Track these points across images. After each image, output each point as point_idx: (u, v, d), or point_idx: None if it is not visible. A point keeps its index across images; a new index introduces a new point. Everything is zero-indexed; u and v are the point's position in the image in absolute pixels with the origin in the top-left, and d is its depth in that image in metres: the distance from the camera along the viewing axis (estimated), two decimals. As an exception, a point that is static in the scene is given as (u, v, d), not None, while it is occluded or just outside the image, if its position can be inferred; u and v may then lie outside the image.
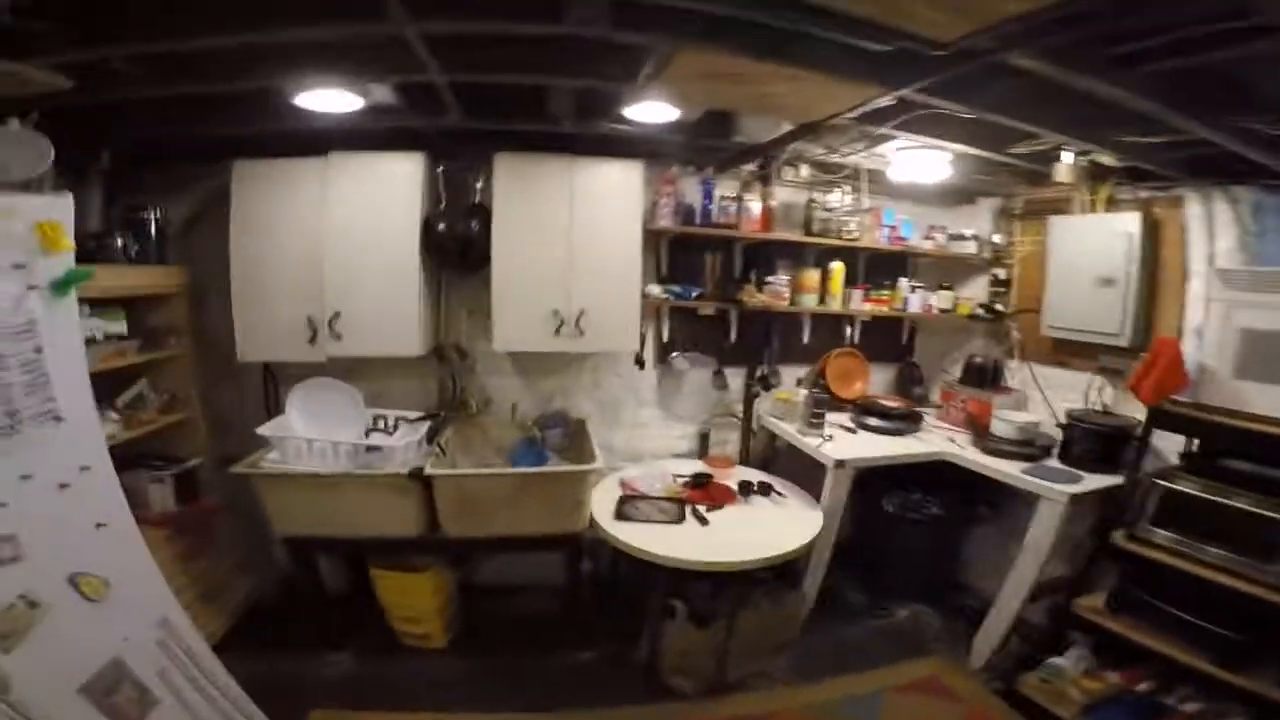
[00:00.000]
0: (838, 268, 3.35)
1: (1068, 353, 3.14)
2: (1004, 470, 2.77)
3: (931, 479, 3.10)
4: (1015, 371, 3.36)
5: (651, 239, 3.06)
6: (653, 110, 2.39)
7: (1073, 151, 2.63)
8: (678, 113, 2.42)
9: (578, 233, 2.84)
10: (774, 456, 3.47)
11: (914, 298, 3.45)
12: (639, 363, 3.27)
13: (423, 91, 2.26)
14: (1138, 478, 2.41)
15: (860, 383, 3.59)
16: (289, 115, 2.37)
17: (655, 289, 3.12)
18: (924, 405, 3.51)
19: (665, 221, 3.08)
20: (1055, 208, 3.16)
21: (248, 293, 2.75)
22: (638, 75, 2.02)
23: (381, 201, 2.74)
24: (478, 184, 2.92)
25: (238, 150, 2.67)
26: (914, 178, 3.04)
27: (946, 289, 3.49)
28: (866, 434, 3.23)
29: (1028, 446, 2.88)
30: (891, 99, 2.01)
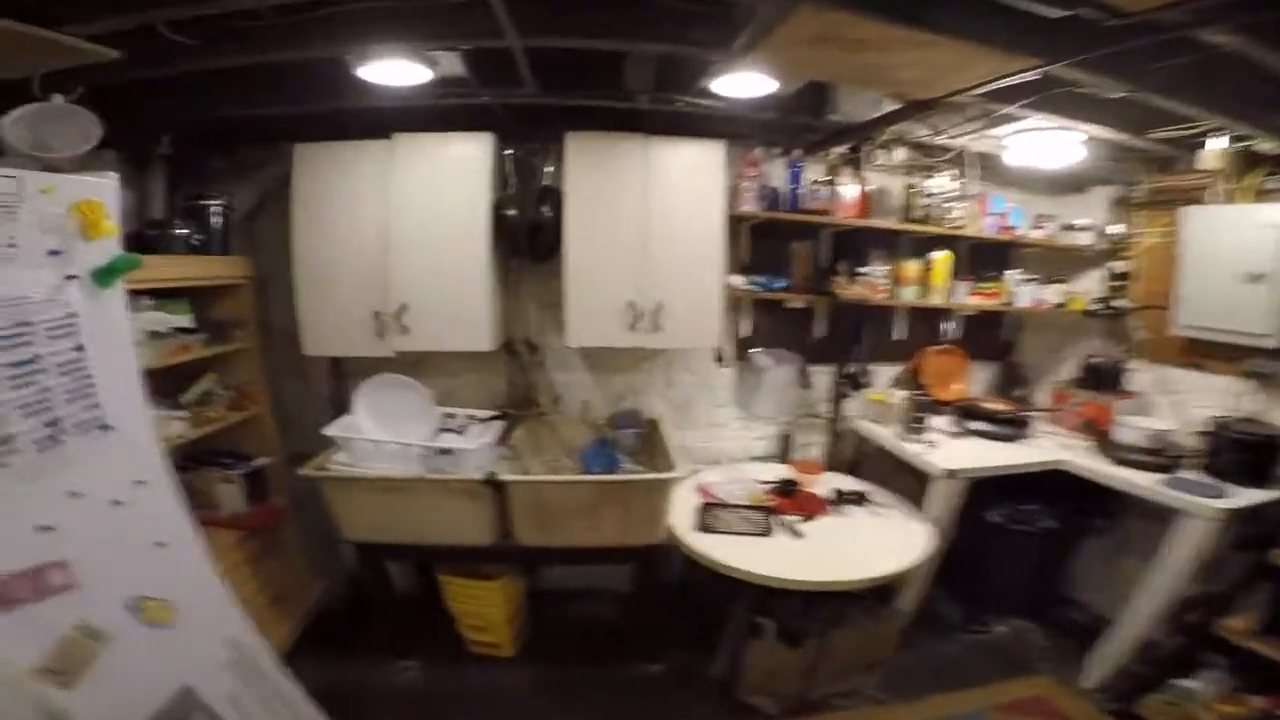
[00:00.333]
0: (943, 258, 2.98)
1: (1201, 354, 2.72)
2: (1135, 482, 2.41)
3: (1038, 487, 2.74)
4: (1138, 373, 2.93)
5: (732, 226, 2.73)
6: (743, 83, 2.09)
7: (1227, 136, 2.27)
8: (773, 86, 2.11)
9: (654, 219, 2.56)
10: (861, 461, 3.13)
11: (1024, 291, 3.04)
12: (719, 359, 2.96)
13: (494, 62, 2.04)
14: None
15: (959, 383, 3.21)
16: (350, 92, 2.16)
17: (738, 280, 2.80)
18: (1029, 408, 3.10)
19: (749, 207, 2.75)
20: (1187, 197, 2.72)
21: (312, 284, 2.56)
22: (734, 40, 1.74)
23: (448, 186, 2.50)
24: (547, 167, 2.66)
25: (299, 133, 2.47)
26: (1033, 163, 2.66)
27: (1059, 282, 3.06)
28: (971, 439, 2.87)
29: (1158, 456, 2.50)
30: (1037, 73, 1.70)
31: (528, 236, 2.63)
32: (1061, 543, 2.88)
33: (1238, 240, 2.51)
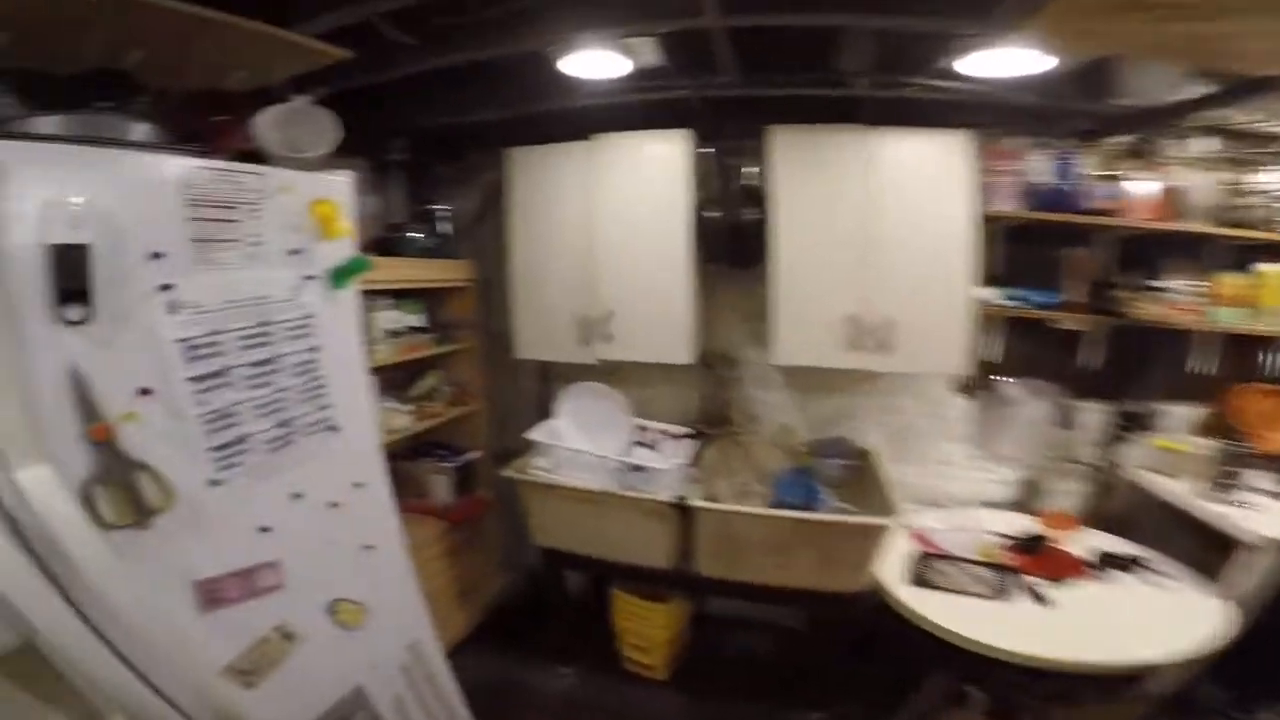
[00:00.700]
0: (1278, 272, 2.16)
1: None
2: None
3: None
4: None
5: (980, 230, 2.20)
6: (1000, 62, 1.67)
7: None
8: (1044, 64, 1.67)
9: (880, 222, 2.17)
10: (1131, 519, 2.38)
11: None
12: (966, 389, 2.43)
13: (692, 50, 1.84)
14: None
15: (1287, 432, 2.32)
16: (554, 91, 2.09)
17: (988, 293, 2.25)
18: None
19: (1002, 206, 2.20)
20: None
21: (525, 288, 2.55)
22: (993, 8, 1.39)
23: (648, 188, 2.33)
24: (749, 166, 2.38)
25: (512, 138, 2.46)
26: None
27: None
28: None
29: None
30: None
31: (728, 241, 2.37)
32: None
33: None
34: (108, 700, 0.92)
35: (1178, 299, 2.19)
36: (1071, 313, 2.27)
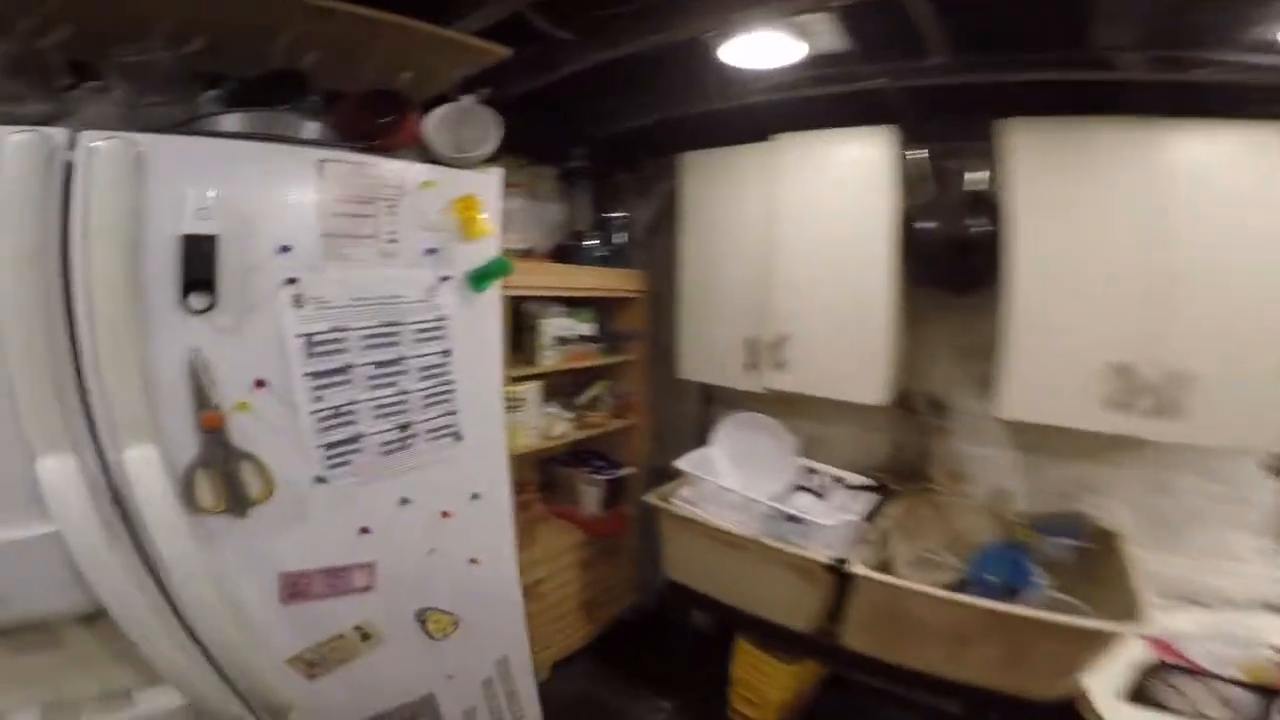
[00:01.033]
0: None
1: None
2: None
3: None
4: None
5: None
6: None
7: None
8: None
9: (1173, 244, 1.56)
10: None
11: None
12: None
13: (889, 28, 1.45)
14: None
15: None
16: (720, 84, 1.84)
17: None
18: None
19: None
20: None
21: (692, 303, 2.35)
22: None
23: (840, 195, 1.97)
24: (978, 170, 1.89)
25: (685, 142, 2.24)
26: None
27: None
28: None
29: None
30: None
31: (946, 259, 1.90)
32: None
33: None
34: (161, 670, 0.91)
35: None
36: None
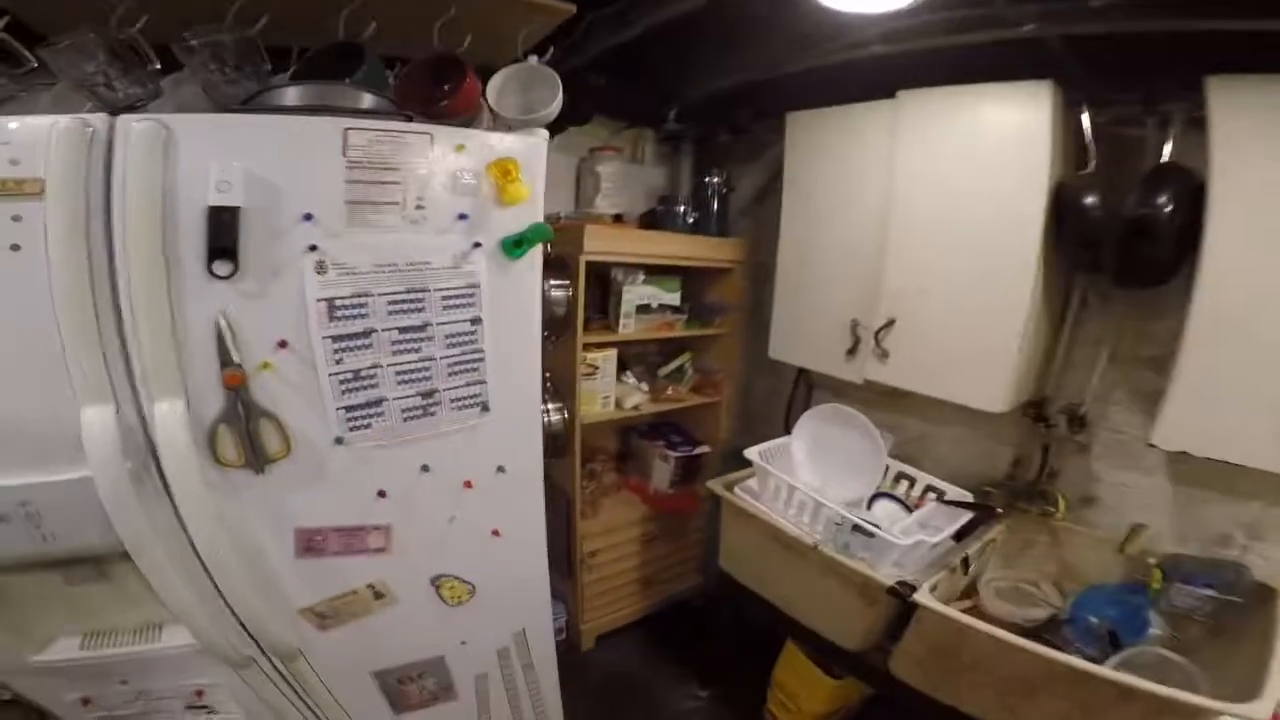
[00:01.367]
0: None
1: None
2: None
3: None
4: None
5: None
6: None
7: None
8: None
9: None
10: None
11: None
12: None
13: None
14: None
15: None
16: (816, 29, 1.54)
17: None
18: None
19: None
20: None
21: (789, 277, 2.11)
22: None
23: (976, 164, 1.60)
24: (1163, 138, 1.43)
25: (793, 100, 1.94)
26: None
27: None
28: None
29: None
30: None
31: (1118, 244, 1.48)
32: None
33: None
34: (172, 608, 0.99)
35: None
36: None
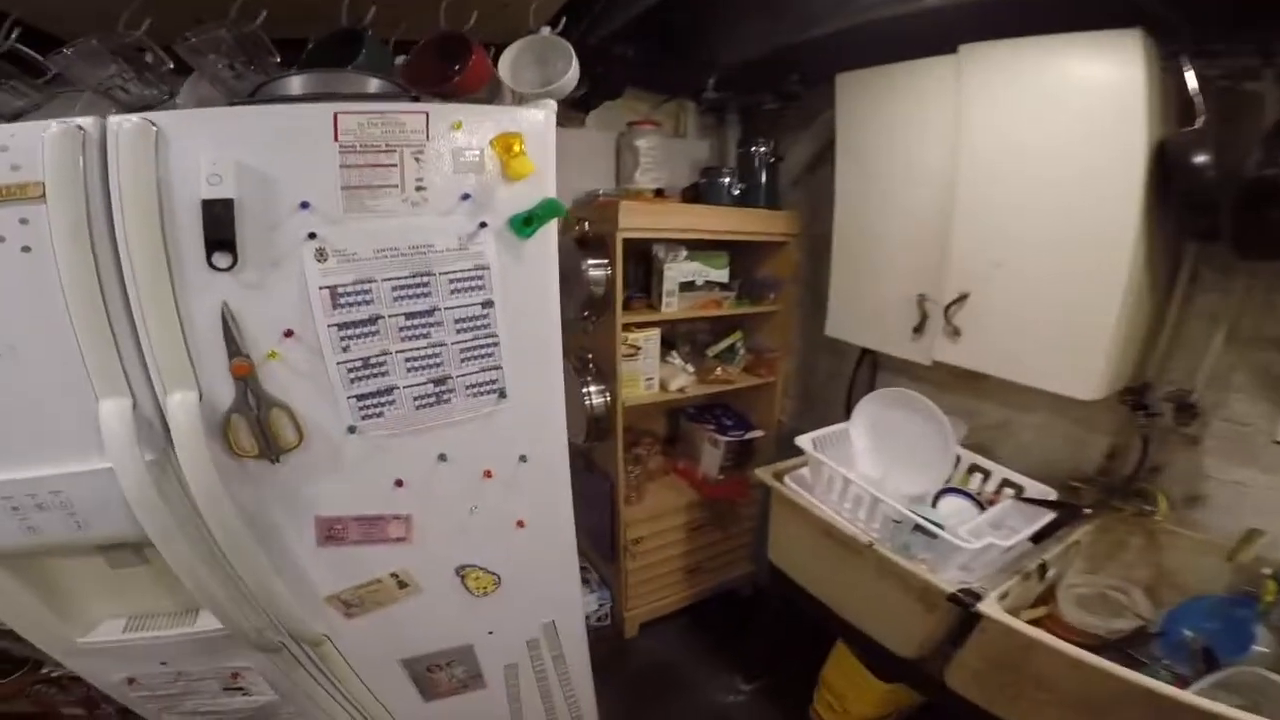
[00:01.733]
0: None
1: None
2: None
3: None
4: None
5: None
6: None
7: None
8: None
9: None
10: None
11: None
12: None
13: None
14: None
15: None
16: None
17: None
18: None
19: None
20: None
21: (847, 250, 1.92)
22: None
23: (1058, 123, 1.36)
24: None
25: (845, 60, 1.72)
26: None
27: None
28: None
29: None
30: None
31: (1234, 209, 1.22)
32: None
33: None
34: (197, 596, 1.00)
35: None
36: None
